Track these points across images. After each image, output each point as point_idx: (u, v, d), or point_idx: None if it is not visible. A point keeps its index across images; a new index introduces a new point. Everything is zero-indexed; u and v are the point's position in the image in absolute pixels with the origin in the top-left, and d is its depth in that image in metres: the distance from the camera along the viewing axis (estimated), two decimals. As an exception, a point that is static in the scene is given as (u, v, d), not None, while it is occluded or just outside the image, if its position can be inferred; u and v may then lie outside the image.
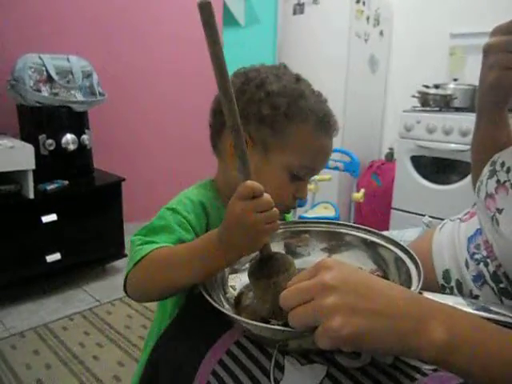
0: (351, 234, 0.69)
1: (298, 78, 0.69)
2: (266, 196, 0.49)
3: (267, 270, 0.53)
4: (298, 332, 0.43)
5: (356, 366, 0.47)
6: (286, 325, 0.45)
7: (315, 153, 0.66)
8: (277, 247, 0.68)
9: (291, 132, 0.64)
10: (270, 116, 0.63)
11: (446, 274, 0.73)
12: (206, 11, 0.40)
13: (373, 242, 0.66)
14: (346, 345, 0.39)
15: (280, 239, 0.71)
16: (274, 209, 0.50)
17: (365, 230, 0.68)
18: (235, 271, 0.66)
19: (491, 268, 0.64)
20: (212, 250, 0.53)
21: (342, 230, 0.70)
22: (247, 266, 0.61)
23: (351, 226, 0.70)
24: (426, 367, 0.47)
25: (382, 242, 0.65)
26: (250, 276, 0.55)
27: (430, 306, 0.42)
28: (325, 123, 0.66)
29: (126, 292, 0.60)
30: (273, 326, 0.48)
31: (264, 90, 0.64)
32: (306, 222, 0.73)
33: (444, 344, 0.39)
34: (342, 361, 0.48)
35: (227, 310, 0.56)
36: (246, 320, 0.49)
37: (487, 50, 0.63)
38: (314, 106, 0.66)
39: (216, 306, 0.50)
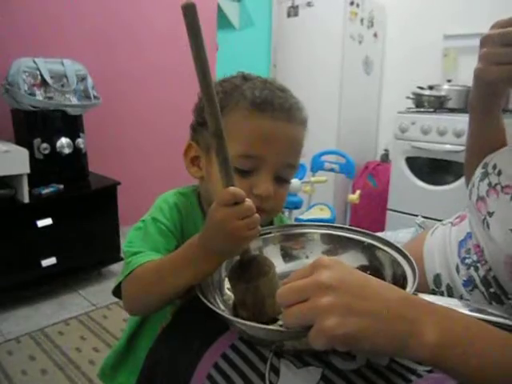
0: (348, 237, 0.68)
1: (244, 77, 0.66)
2: (248, 202, 0.49)
3: (248, 275, 0.53)
4: (292, 332, 0.43)
5: (351, 368, 0.47)
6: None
7: (250, 137, 0.61)
8: (273, 250, 0.68)
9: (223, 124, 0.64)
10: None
11: (437, 279, 0.73)
12: (190, 13, 0.40)
13: (370, 245, 0.66)
14: (340, 345, 0.39)
15: (276, 242, 0.70)
16: (256, 215, 0.50)
17: (362, 232, 0.68)
18: None
19: (481, 272, 0.64)
20: (194, 256, 0.53)
21: (339, 233, 0.69)
22: None
23: (348, 229, 0.69)
24: (421, 369, 0.47)
25: (379, 245, 0.65)
26: (229, 280, 0.55)
27: (424, 308, 0.42)
28: (261, 104, 0.61)
29: (113, 294, 0.63)
30: (267, 327, 0.47)
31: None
32: (302, 225, 0.73)
33: (436, 345, 0.39)
34: (337, 363, 0.48)
35: (223, 311, 0.55)
36: (240, 320, 0.49)
37: (482, 42, 0.62)
38: (247, 92, 0.62)
39: (211, 307, 0.50)
